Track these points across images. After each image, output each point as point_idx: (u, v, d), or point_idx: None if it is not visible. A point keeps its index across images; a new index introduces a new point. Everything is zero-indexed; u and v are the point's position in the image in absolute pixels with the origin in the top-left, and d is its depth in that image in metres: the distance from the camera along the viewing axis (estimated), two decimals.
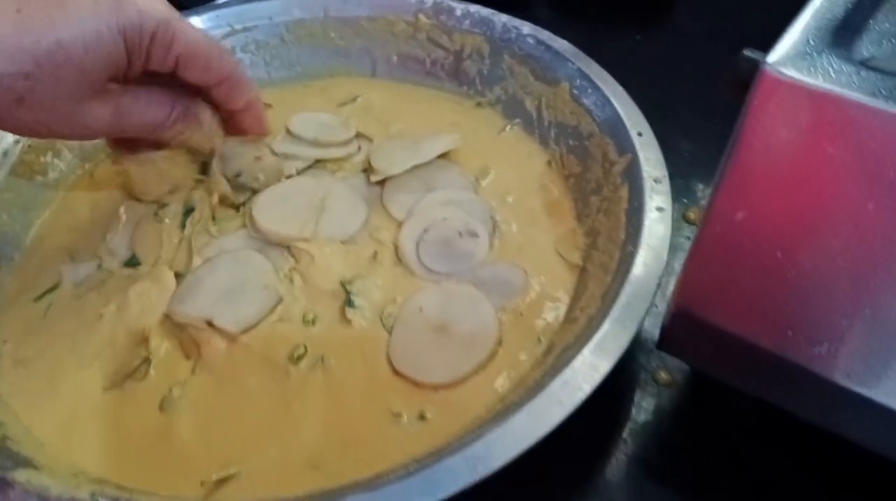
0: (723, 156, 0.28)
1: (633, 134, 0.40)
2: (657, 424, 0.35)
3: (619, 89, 0.43)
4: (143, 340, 0.36)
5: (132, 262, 0.40)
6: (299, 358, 0.35)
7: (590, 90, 0.44)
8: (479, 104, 0.50)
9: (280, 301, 0.37)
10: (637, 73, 0.46)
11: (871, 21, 0.28)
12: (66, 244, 0.42)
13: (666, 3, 0.65)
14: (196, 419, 0.34)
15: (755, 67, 0.26)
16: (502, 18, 0.49)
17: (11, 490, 0.28)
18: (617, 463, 0.34)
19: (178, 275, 0.38)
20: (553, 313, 0.37)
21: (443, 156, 0.45)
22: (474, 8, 0.50)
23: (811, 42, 0.26)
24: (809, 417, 0.30)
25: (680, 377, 0.37)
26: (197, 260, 0.39)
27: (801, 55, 0.26)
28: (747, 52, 0.28)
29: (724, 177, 0.27)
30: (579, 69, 0.45)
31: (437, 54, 0.51)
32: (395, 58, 0.52)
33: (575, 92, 0.44)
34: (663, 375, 0.36)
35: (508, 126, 0.48)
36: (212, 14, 0.52)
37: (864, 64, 0.26)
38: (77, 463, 0.32)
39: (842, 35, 0.27)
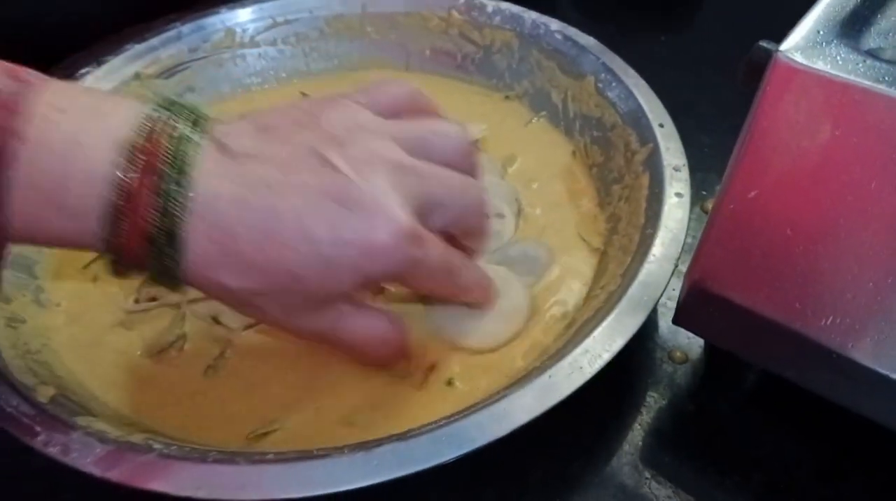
0: (738, 139, 0.30)
1: (654, 125, 0.42)
2: (671, 397, 0.37)
3: (642, 82, 0.45)
4: (180, 318, 0.39)
5: None
6: None
7: (614, 84, 0.46)
8: (507, 97, 0.52)
9: None
10: (661, 70, 0.48)
11: (879, 14, 0.30)
12: None
13: (690, 6, 0.67)
14: (237, 382, 0.36)
15: (769, 56, 0.28)
16: (532, 15, 0.51)
17: (74, 432, 0.30)
18: (633, 432, 0.36)
19: None
20: (575, 290, 0.39)
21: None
22: (505, 5, 0.52)
23: (821, 33, 0.29)
24: (816, 389, 0.31)
25: (693, 355, 0.38)
26: None
27: (811, 45, 0.28)
28: (762, 43, 0.30)
29: (738, 158, 0.29)
30: (604, 64, 0.47)
31: (469, 49, 0.53)
32: (427, 51, 0.55)
33: (600, 85, 0.46)
34: (678, 354, 0.38)
35: (535, 118, 0.50)
36: (255, 7, 0.54)
37: (871, 53, 0.28)
38: (126, 415, 0.35)
39: (851, 27, 0.29)
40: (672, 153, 0.40)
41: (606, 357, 0.32)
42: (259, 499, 0.28)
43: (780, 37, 0.28)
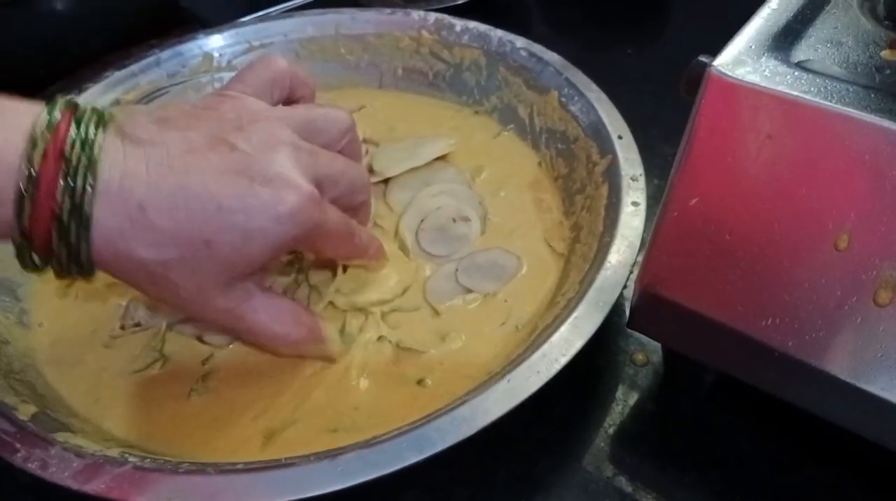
0: (679, 149, 0.31)
1: (614, 137, 0.44)
2: (633, 398, 0.38)
3: (603, 96, 0.47)
4: (162, 338, 0.40)
5: None
6: None
7: (576, 98, 0.47)
8: (477, 112, 0.54)
9: None
10: (626, 83, 0.50)
11: (809, 28, 0.31)
12: None
13: (658, 20, 0.69)
14: (220, 398, 0.37)
15: (704, 70, 0.30)
16: (498, 33, 0.53)
17: (52, 447, 0.31)
18: (596, 432, 0.37)
19: None
20: (539, 297, 0.41)
21: (441, 158, 0.49)
22: (472, 24, 0.54)
23: (753, 47, 0.30)
24: (765, 387, 0.33)
25: (655, 358, 0.40)
26: None
27: (743, 58, 0.30)
28: (701, 57, 0.31)
29: (679, 168, 0.31)
30: (567, 79, 0.48)
31: (439, 67, 0.55)
32: (400, 70, 0.56)
33: (563, 99, 0.48)
34: (640, 356, 0.40)
35: (503, 131, 0.52)
36: (231, 32, 0.56)
37: (800, 66, 0.29)
38: (106, 431, 0.36)
39: (782, 41, 0.31)
40: (630, 163, 0.42)
41: (563, 361, 0.33)
42: None
43: None
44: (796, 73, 0.29)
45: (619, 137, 0.43)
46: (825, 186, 0.28)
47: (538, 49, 0.51)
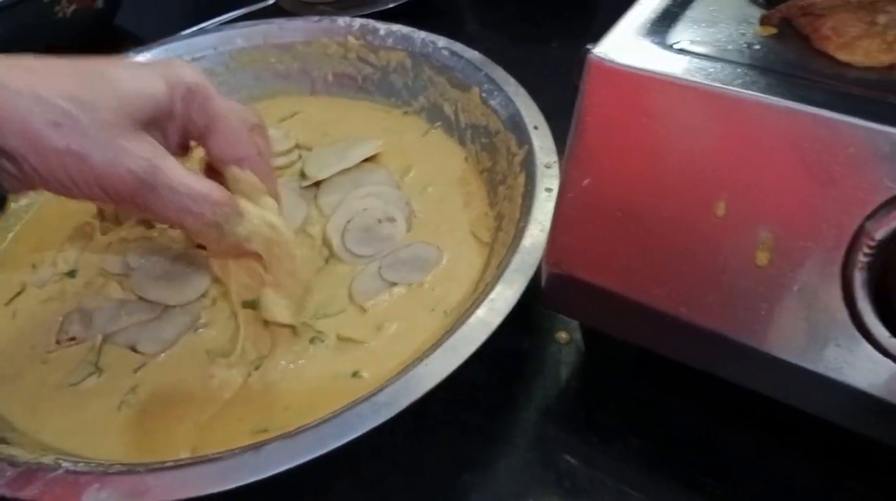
0: (569, 134, 0.33)
1: (530, 128, 0.45)
2: (557, 376, 0.40)
3: (521, 90, 0.48)
4: (97, 351, 0.41)
5: (71, 274, 0.45)
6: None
7: (496, 93, 0.49)
8: (406, 112, 0.55)
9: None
10: (551, 76, 0.52)
11: (687, 11, 0.33)
12: (33, 254, 0.47)
13: (586, 14, 0.71)
14: (152, 407, 0.38)
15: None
16: (421, 35, 0.55)
17: None
18: (523, 412, 0.39)
19: None
20: (465, 284, 0.42)
21: (371, 159, 0.50)
22: (396, 27, 0.55)
23: (632, 32, 0.32)
24: (670, 354, 0.34)
25: (577, 335, 0.41)
26: None
27: (621, 44, 0.31)
28: (588, 45, 0.33)
29: (570, 150, 0.33)
30: (486, 75, 0.50)
31: (367, 70, 0.57)
32: (330, 76, 0.58)
33: (484, 95, 0.50)
34: (563, 335, 0.41)
35: (431, 129, 0.53)
36: (162, 48, 0.57)
37: (674, 47, 0.31)
38: (43, 442, 0.37)
39: (659, 25, 0.32)
40: (545, 152, 0.43)
41: (479, 341, 0.34)
42: None
43: None
44: (671, 55, 0.30)
45: (535, 128, 0.45)
46: (702, 159, 0.30)
47: (459, 48, 0.53)
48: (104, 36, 0.69)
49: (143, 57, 0.56)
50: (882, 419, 0.30)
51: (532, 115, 0.46)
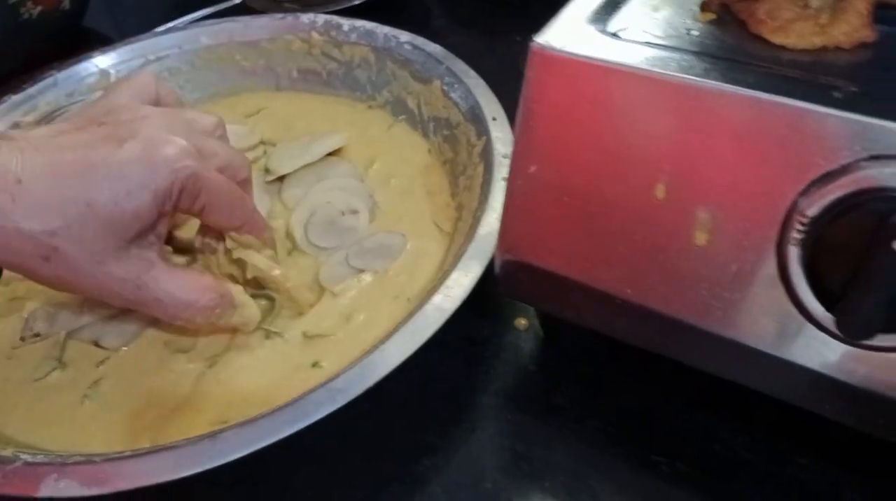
0: (516, 121, 0.33)
1: (489, 119, 0.46)
2: (515, 361, 0.41)
3: (481, 82, 0.49)
4: (61, 346, 0.41)
5: None
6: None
7: (456, 85, 0.50)
8: (370, 106, 0.56)
9: None
10: (513, 68, 0.52)
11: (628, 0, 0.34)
12: None
13: (552, 9, 0.71)
14: (114, 401, 0.39)
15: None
16: (384, 30, 0.55)
17: None
18: (481, 396, 0.39)
19: None
20: (427, 273, 0.43)
21: (336, 153, 0.51)
22: (360, 23, 0.56)
23: (574, 20, 0.33)
24: (621, 336, 0.35)
25: (536, 322, 0.42)
26: None
27: (563, 31, 0.32)
28: (533, 36, 0.34)
29: (517, 138, 0.33)
30: (448, 68, 0.51)
31: (332, 66, 0.57)
32: (295, 72, 0.58)
33: (445, 88, 0.50)
34: (522, 321, 0.42)
35: (396, 123, 0.54)
36: (127, 48, 0.57)
37: (615, 34, 0.32)
38: (7, 436, 0.37)
39: (601, 12, 0.33)
40: (503, 142, 0.44)
41: (434, 328, 0.35)
42: (114, 491, 0.30)
43: None
44: (612, 42, 0.31)
45: (494, 119, 0.46)
46: (642, 143, 0.30)
47: (421, 42, 0.53)
48: (71, 37, 0.69)
49: (108, 58, 0.57)
50: (823, 393, 0.30)
51: (491, 107, 0.47)
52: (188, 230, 0.43)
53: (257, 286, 0.41)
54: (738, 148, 0.28)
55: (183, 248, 0.43)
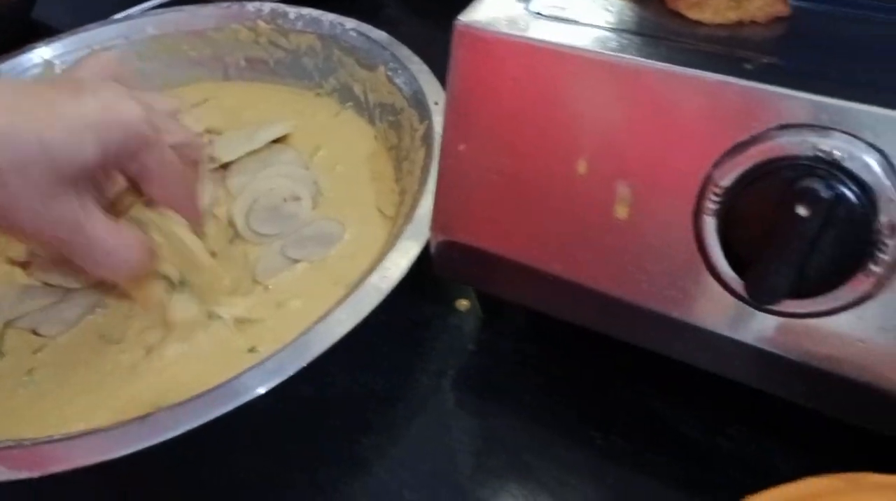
0: (444, 100, 0.34)
1: (431, 104, 0.46)
2: (455, 342, 0.41)
3: (424, 68, 0.49)
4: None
5: None
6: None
7: (400, 71, 0.50)
8: (318, 94, 0.56)
9: None
10: None
11: None
12: None
13: None
14: (50, 387, 0.38)
15: None
16: (329, 17, 0.55)
17: None
18: (421, 376, 0.39)
19: None
20: (369, 257, 0.43)
21: (281, 140, 0.51)
22: (305, 10, 0.56)
23: (498, 1, 0.33)
24: (553, 312, 0.35)
25: (477, 304, 0.42)
26: None
27: (487, 10, 0.32)
28: (459, 17, 0.34)
29: (446, 117, 0.34)
30: (392, 54, 0.51)
31: (279, 54, 0.57)
32: (242, 61, 0.58)
33: (389, 74, 0.50)
34: (464, 302, 0.42)
35: (343, 110, 0.54)
36: (72, 38, 0.57)
37: (537, 13, 0.32)
38: None
39: None
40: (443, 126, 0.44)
41: (369, 308, 0.35)
42: (43, 474, 0.30)
43: None
44: (533, 19, 0.31)
45: (436, 103, 0.46)
46: (563, 119, 0.31)
47: (366, 28, 0.54)
48: (20, 30, 0.68)
49: (52, 48, 0.56)
50: (743, 361, 0.31)
51: (433, 91, 0.47)
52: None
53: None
54: (654, 122, 0.29)
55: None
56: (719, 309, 0.30)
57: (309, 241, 0.44)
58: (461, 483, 0.35)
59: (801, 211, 0.25)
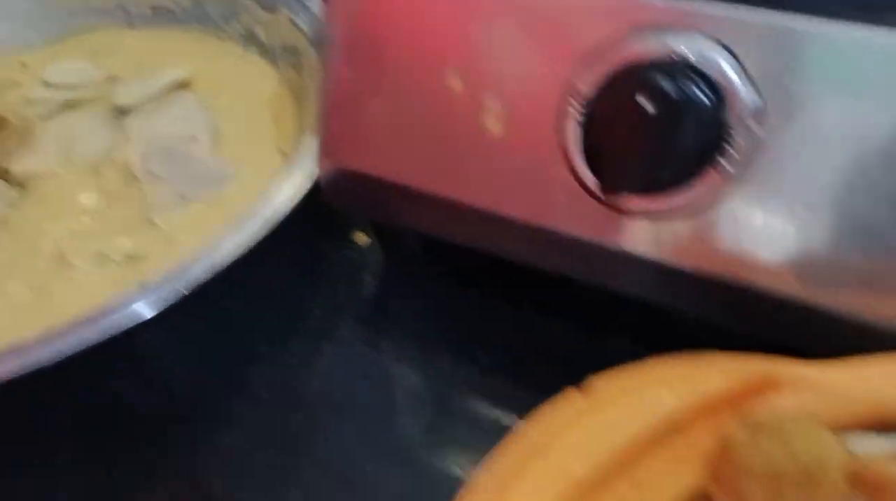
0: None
1: None
2: (352, 275, 0.41)
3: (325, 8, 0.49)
4: None
5: None
6: None
7: (301, 13, 0.49)
8: (221, 39, 0.55)
9: None
10: None
11: None
12: None
13: None
14: None
15: None
16: None
17: None
18: (322, 313, 0.40)
19: None
20: (260, 195, 0.42)
21: (184, 86, 0.50)
22: None
23: None
24: (446, 235, 0.36)
25: (375, 237, 0.43)
26: None
27: None
28: None
29: (327, 43, 0.33)
30: None
31: (184, 2, 0.56)
32: (148, 10, 0.57)
33: (291, 15, 0.50)
34: (362, 236, 0.42)
35: (246, 54, 0.54)
36: None
37: None
38: None
39: None
40: None
41: (256, 238, 0.35)
42: None
43: None
44: None
45: None
46: (434, 35, 0.31)
47: None
48: None
49: None
50: (618, 269, 0.32)
51: None
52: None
53: None
54: (518, 31, 0.29)
55: None
56: (587, 217, 0.30)
57: (204, 181, 0.43)
58: (350, 407, 0.35)
59: (650, 108, 0.26)
